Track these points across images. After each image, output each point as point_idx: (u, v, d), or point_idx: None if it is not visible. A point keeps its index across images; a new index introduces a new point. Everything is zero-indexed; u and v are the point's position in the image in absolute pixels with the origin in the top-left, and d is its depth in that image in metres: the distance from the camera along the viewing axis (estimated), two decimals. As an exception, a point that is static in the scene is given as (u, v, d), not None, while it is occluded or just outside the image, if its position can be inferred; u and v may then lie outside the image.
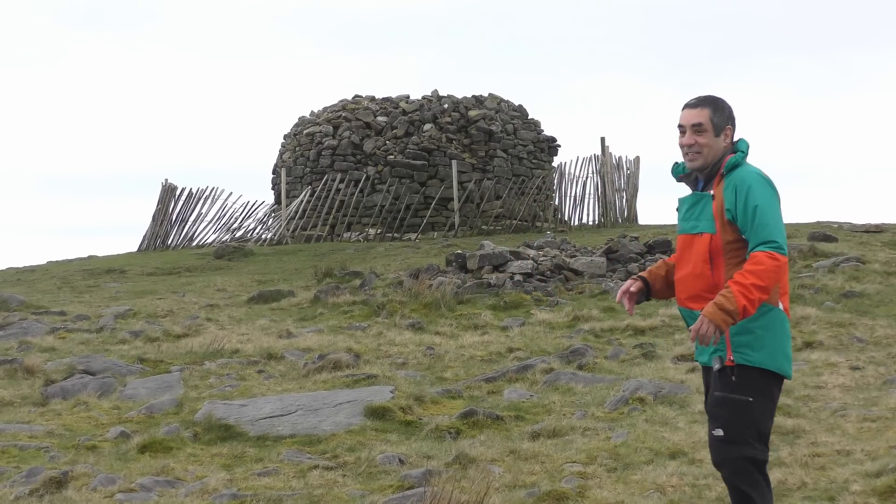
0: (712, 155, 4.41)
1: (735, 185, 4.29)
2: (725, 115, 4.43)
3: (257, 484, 6.16)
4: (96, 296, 16.96)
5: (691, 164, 4.45)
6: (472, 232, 25.97)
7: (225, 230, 28.01)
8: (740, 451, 4.24)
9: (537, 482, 6.00)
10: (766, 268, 4.13)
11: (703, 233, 4.36)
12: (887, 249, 17.36)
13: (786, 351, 4.30)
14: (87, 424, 7.94)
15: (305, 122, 29.14)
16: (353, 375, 9.30)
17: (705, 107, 4.43)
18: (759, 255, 4.16)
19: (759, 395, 4.26)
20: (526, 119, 29.23)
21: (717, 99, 4.47)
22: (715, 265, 4.33)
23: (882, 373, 8.91)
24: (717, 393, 4.31)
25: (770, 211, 4.23)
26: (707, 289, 4.34)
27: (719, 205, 4.32)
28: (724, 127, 4.42)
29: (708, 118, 4.41)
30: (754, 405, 4.25)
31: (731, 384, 4.27)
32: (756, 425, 4.26)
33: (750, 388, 4.25)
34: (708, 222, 4.35)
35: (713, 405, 4.34)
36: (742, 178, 4.30)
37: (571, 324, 12.07)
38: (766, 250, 4.17)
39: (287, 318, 13.43)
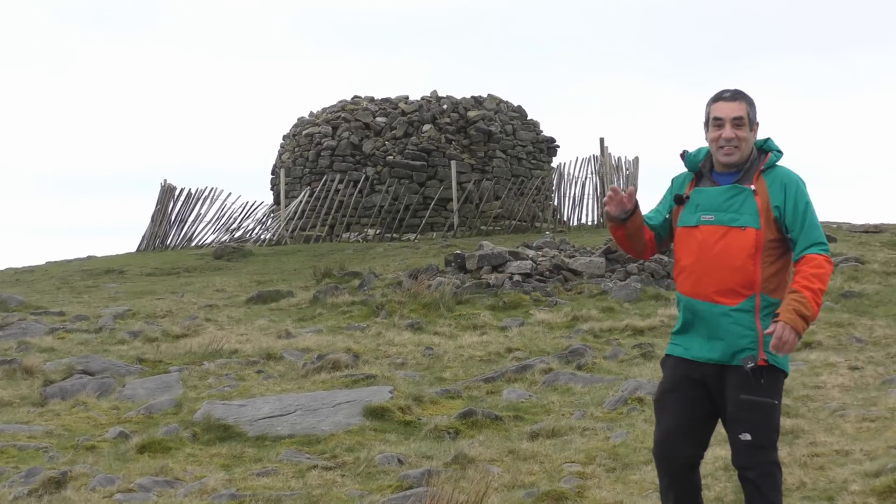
0: (748, 150, 4.34)
1: (783, 183, 4.24)
2: (754, 110, 4.36)
3: (256, 484, 6.16)
4: (95, 296, 16.95)
5: (727, 158, 4.32)
6: (471, 232, 25.96)
7: (224, 230, 28.00)
8: (768, 456, 4.19)
9: (536, 482, 6.00)
10: (826, 272, 4.13)
11: (748, 227, 4.22)
12: (886, 250, 17.37)
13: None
14: (86, 425, 7.94)
15: (304, 122, 29.13)
16: (352, 376, 9.30)
17: (742, 100, 4.34)
18: (818, 258, 4.15)
19: (780, 396, 4.26)
20: (525, 120, 29.22)
21: (747, 93, 4.40)
22: (756, 260, 4.22)
23: (881, 373, 8.91)
24: (746, 396, 4.17)
25: (814, 212, 4.25)
26: (745, 284, 4.22)
27: (765, 201, 4.23)
28: (756, 121, 4.37)
29: (746, 112, 4.32)
30: (777, 408, 4.22)
31: (761, 387, 4.16)
32: (777, 428, 4.25)
33: (776, 390, 4.22)
34: (752, 217, 4.23)
35: (741, 408, 4.19)
36: (789, 177, 4.27)
37: (570, 324, 12.07)
38: (823, 253, 4.16)
39: (286, 319, 13.43)
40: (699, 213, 4.35)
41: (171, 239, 28.06)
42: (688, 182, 4.49)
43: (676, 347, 4.44)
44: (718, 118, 4.32)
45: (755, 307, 4.21)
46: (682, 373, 4.39)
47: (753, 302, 4.22)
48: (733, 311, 4.23)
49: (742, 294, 4.22)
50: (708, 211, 4.32)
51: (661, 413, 4.44)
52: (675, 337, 4.46)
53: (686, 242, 4.39)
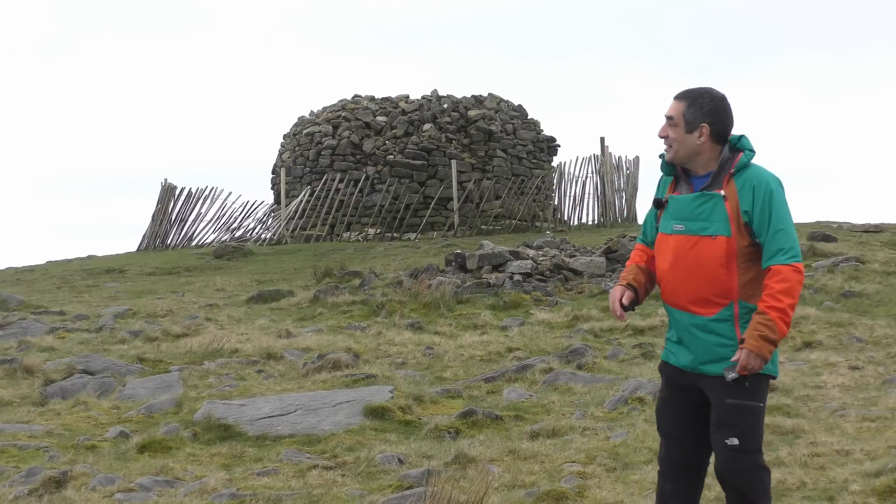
0: (683, 151, 4.24)
1: (752, 185, 4.11)
2: (702, 111, 4.20)
3: (256, 484, 6.15)
4: (95, 295, 16.96)
5: (667, 156, 4.30)
6: (472, 232, 25.96)
7: (224, 230, 28.02)
8: (756, 460, 4.14)
9: (536, 482, 6.00)
10: (793, 284, 4.01)
11: (718, 235, 4.14)
12: (886, 249, 17.37)
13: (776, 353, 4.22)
14: (87, 424, 7.93)
15: (305, 121, 29.13)
16: (353, 375, 9.30)
17: (683, 100, 4.25)
18: (783, 270, 4.01)
19: (765, 399, 4.21)
20: (525, 119, 29.22)
21: (702, 93, 4.25)
22: (730, 269, 4.14)
23: (881, 372, 8.91)
24: (732, 401, 4.12)
25: (787, 216, 4.09)
26: (720, 293, 4.15)
27: (734, 206, 4.12)
28: (699, 124, 4.21)
29: (680, 113, 4.23)
30: (763, 409, 4.19)
31: (747, 391, 4.11)
32: (762, 432, 4.21)
33: (761, 393, 4.16)
34: (722, 224, 4.13)
35: (727, 413, 4.14)
36: (759, 179, 4.12)
37: (571, 323, 12.06)
38: (789, 263, 4.02)
39: (286, 318, 13.43)
40: (671, 220, 4.30)
41: (171, 238, 28.07)
42: (668, 184, 4.42)
43: (668, 353, 4.42)
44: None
45: (734, 315, 4.14)
46: (676, 381, 4.38)
47: (731, 310, 4.15)
48: (711, 321, 4.18)
49: (718, 304, 4.16)
50: (679, 220, 4.26)
51: (659, 421, 4.45)
52: (667, 342, 4.45)
53: (662, 249, 4.33)
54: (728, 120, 4.25)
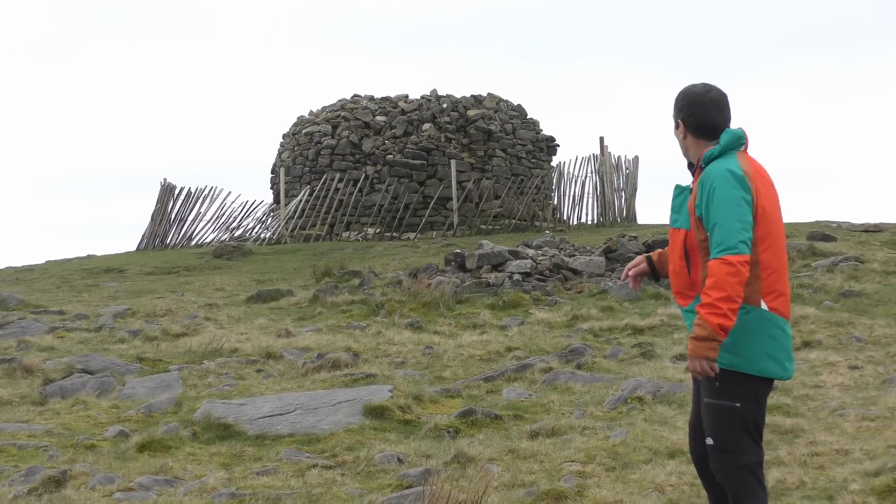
0: (681, 148, 4.35)
1: (702, 180, 4.14)
2: (677, 109, 4.29)
3: (256, 483, 6.15)
4: (95, 295, 16.95)
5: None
6: (471, 231, 25.96)
7: (224, 229, 28.01)
8: (734, 460, 4.11)
9: (536, 481, 6.00)
10: (719, 277, 3.97)
11: (681, 228, 4.25)
12: (886, 249, 17.36)
13: (770, 351, 4.10)
14: (86, 423, 7.93)
15: (304, 121, 29.12)
16: (352, 375, 9.30)
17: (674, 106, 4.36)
18: (711, 265, 4.02)
19: (745, 399, 4.11)
20: (525, 119, 29.22)
21: (680, 92, 4.32)
22: (692, 263, 4.20)
23: (881, 372, 8.91)
24: (706, 399, 4.16)
25: (725, 209, 4.03)
26: (686, 286, 4.24)
27: (693, 200, 4.19)
28: (678, 121, 4.30)
29: (673, 116, 4.35)
30: (742, 410, 4.10)
31: (717, 390, 4.11)
32: (747, 430, 4.12)
33: (735, 392, 4.10)
34: (685, 218, 4.23)
35: (703, 412, 4.19)
36: (708, 174, 4.13)
37: (570, 323, 12.06)
38: (716, 257, 4.00)
39: (286, 318, 13.43)
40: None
41: (170, 238, 28.05)
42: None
43: None
44: None
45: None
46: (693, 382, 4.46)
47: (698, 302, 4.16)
48: (686, 311, 4.27)
49: (688, 296, 4.24)
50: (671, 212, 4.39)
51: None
52: None
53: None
54: (703, 114, 4.25)
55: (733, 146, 4.20)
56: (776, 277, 4.16)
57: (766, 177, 4.27)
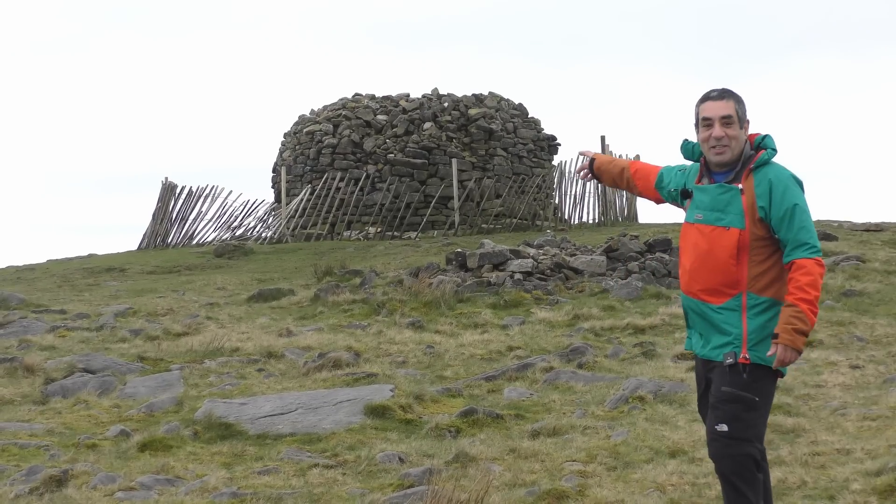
0: (738, 148, 4.35)
1: (770, 182, 4.23)
2: (744, 106, 4.39)
3: (257, 482, 6.15)
4: (96, 294, 16.96)
5: (719, 157, 4.35)
6: (472, 230, 25.96)
7: (225, 228, 28.01)
8: (743, 449, 4.21)
9: (537, 481, 6.00)
10: (817, 276, 4.15)
11: (731, 227, 4.27)
12: (887, 248, 17.36)
13: None
14: (87, 423, 7.93)
15: (305, 120, 29.12)
16: (353, 374, 9.30)
17: (730, 99, 4.36)
18: (807, 263, 4.16)
19: (764, 395, 4.27)
20: (526, 118, 29.22)
21: (734, 91, 4.42)
22: (740, 261, 4.27)
23: (882, 371, 8.91)
24: (727, 388, 4.24)
25: (808, 213, 4.23)
26: (729, 284, 4.29)
27: (750, 201, 4.24)
28: (745, 119, 4.39)
29: (734, 110, 4.35)
30: (759, 404, 4.24)
31: (743, 382, 4.22)
32: (759, 425, 4.26)
33: (759, 387, 4.24)
34: (737, 217, 4.26)
35: (720, 400, 4.26)
36: (778, 176, 4.25)
37: (571, 322, 12.06)
38: (813, 257, 4.17)
39: (287, 317, 13.43)
40: (694, 210, 4.44)
41: (172, 237, 28.05)
42: (695, 175, 4.53)
43: (688, 341, 4.60)
44: (707, 118, 4.36)
45: (741, 305, 4.27)
46: (699, 368, 4.57)
47: (739, 300, 4.28)
48: (719, 309, 4.31)
49: (727, 293, 4.29)
50: (701, 209, 4.40)
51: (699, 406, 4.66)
52: (688, 330, 4.60)
53: (685, 238, 4.49)
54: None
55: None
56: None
57: None
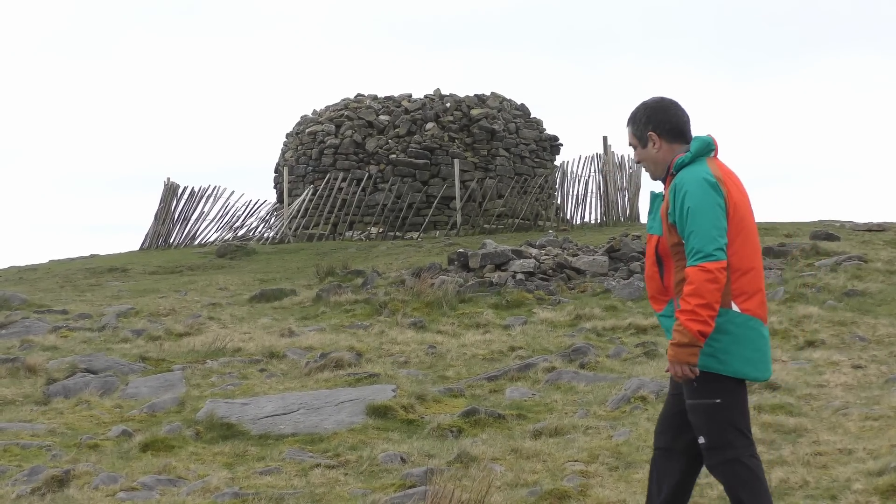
0: (654, 165, 4.40)
1: (674, 186, 4.23)
2: (641, 123, 4.38)
3: (259, 482, 6.16)
4: (98, 294, 16.97)
5: (650, 175, 4.49)
6: (475, 231, 25.96)
7: (227, 229, 28.01)
8: (724, 455, 4.19)
9: (539, 481, 6.00)
10: (698, 284, 4.05)
11: (654, 234, 4.35)
12: (889, 248, 17.34)
13: (743, 353, 4.19)
14: (89, 423, 7.94)
15: (308, 120, 29.12)
16: (355, 374, 9.30)
17: (628, 124, 4.45)
18: (690, 272, 4.10)
19: (725, 394, 4.20)
20: (528, 118, 29.21)
21: (636, 109, 4.42)
22: (665, 267, 4.31)
23: (884, 371, 8.90)
24: (688, 401, 4.26)
25: (701, 215, 4.12)
26: (659, 291, 4.36)
27: (665, 207, 4.28)
28: (646, 135, 4.37)
29: (631, 134, 4.43)
30: (723, 405, 4.19)
31: (696, 390, 4.22)
32: (733, 423, 4.20)
33: (713, 390, 4.19)
34: (658, 224, 4.33)
35: (689, 413, 4.28)
36: (681, 180, 4.22)
37: (573, 322, 12.06)
38: (694, 265, 4.08)
39: (289, 317, 13.43)
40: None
41: (174, 237, 28.05)
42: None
43: None
44: None
45: (674, 312, 4.25)
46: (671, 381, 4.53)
47: (672, 307, 4.30)
48: (660, 316, 4.38)
49: (661, 300, 4.34)
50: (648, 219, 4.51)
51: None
52: None
53: None
54: (671, 117, 4.38)
55: (703, 152, 4.31)
56: (747, 279, 4.22)
57: (737, 182, 4.35)
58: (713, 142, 4.34)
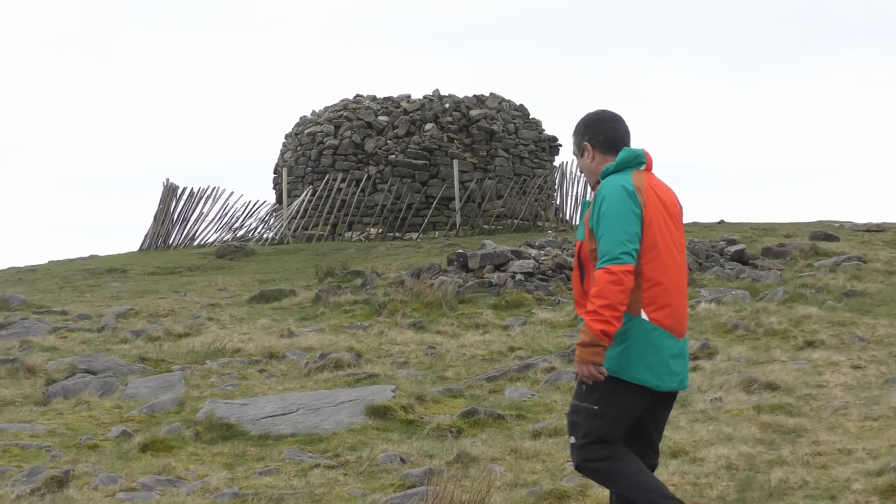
0: (589, 174, 4.55)
1: (596, 194, 4.35)
2: (579, 134, 4.52)
3: (259, 483, 6.15)
4: (98, 295, 16.96)
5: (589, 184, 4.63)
6: (474, 231, 25.97)
7: (226, 229, 28.03)
8: (581, 455, 4.30)
9: (539, 481, 6.00)
10: (602, 286, 4.14)
11: (579, 240, 4.47)
12: (889, 248, 17.36)
13: (646, 360, 4.24)
14: (89, 424, 7.93)
15: (307, 121, 29.13)
16: (355, 374, 9.30)
17: (573, 135, 4.58)
18: (596, 274, 4.20)
19: (608, 403, 4.25)
20: (527, 118, 29.23)
21: (578, 121, 4.55)
22: (585, 273, 4.41)
23: (883, 372, 8.90)
24: (573, 401, 4.37)
25: (612, 220, 4.21)
26: (581, 295, 4.44)
27: (588, 213, 4.40)
28: (582, 145, 4.51)
29: (573, 144, 4.57)
30: (601, 413, 4.25)
31: (582, 393, 4.30)
32: (598, 433, 4.26)
33: (599, 397, 4.25)
34: (582, 230, 4.44)
35: (568, 412, 4.43)
36: (602, 187, 4.33)
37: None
38: (600, 267, 4.18)
39: (288, 318, 13.43)
40: None
41: (173, 238, 28.06)
42: None
43: None
44: None
45: None
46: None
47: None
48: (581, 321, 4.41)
49: (583, 304, 4.38)
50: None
51: None
52: None
53: None
54: (606, 129, 4.48)
55: (629, 163, 4.40)
56: (660, 291, 4.27)
57: (666, 198, 4.41)
58: (643, 155, 4.42)
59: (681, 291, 4.34)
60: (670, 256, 4.31)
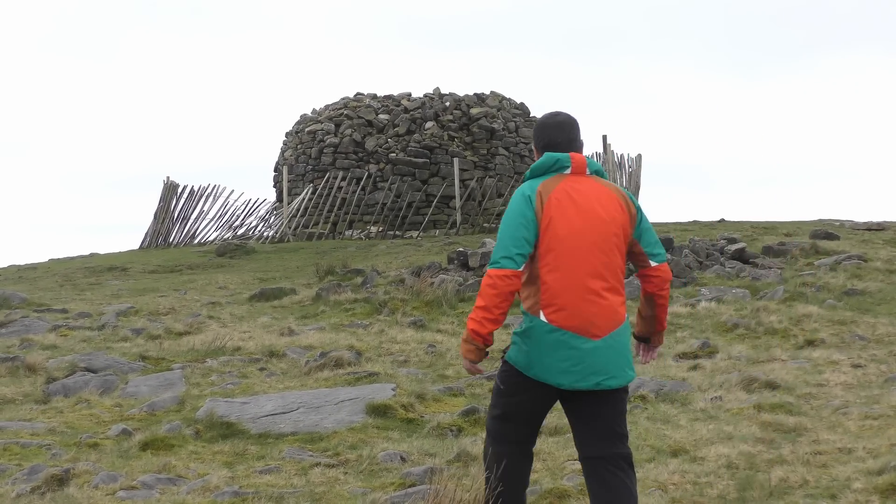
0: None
1: None
2: (532, 137, 4.66)
3: (259, 481, 6.15)
4: (98, 293, 16.96)
5: None
6: (474, 230, 25.97)
7: (227, 228, 28.05)
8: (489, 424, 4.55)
9: (539, 480, 6.00)
10: (481, 289, 4.30)
11: None
12: (889, 247, 17.35)
13: (543, 359, 4.27)
14: (89, 422, 7.93)
15: (307, 119, 29.13)
16: (355, 373, 9.29)
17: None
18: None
19: (508, 384, 4.43)
20: (528, 117, 29.22)
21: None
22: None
23: (884, 370, 8.90)
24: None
25: (502, 226, 4.35)
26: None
27: None
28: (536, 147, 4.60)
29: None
30: (503, 392, 4.46)
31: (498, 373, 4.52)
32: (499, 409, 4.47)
33: (502, 377, 4.46)
34: None
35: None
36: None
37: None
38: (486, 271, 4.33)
39: (289, 316, 13.42)
40: None
41: (173, 236, 28.07)
42: None
43: None
44: None
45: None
46: None
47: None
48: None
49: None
50: None
51: None
52: None
53: None
54: (545, 135, 4.53)
55: (546, 168, 4.43)
56: (554, 293, 4.29)
57: (587, 198, 4.36)
58: (565, 159, 4.40)
59: (587, 293, 4.27)
60: (574, 259, 4.28)
